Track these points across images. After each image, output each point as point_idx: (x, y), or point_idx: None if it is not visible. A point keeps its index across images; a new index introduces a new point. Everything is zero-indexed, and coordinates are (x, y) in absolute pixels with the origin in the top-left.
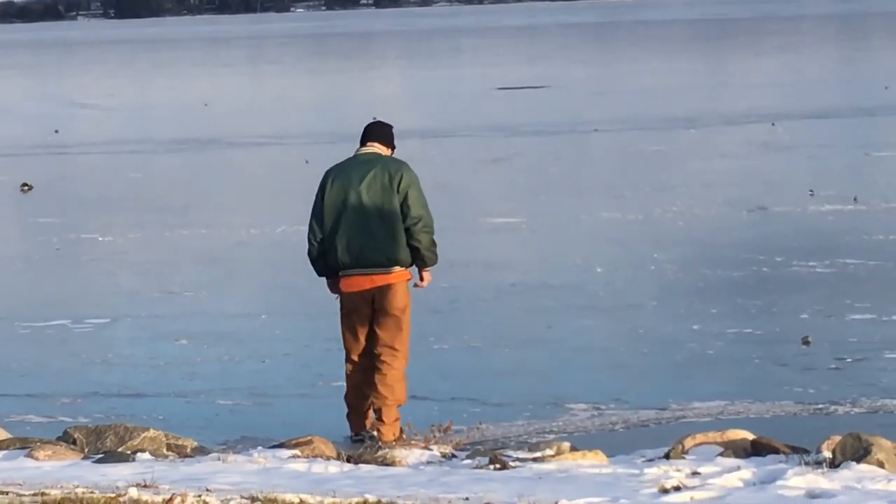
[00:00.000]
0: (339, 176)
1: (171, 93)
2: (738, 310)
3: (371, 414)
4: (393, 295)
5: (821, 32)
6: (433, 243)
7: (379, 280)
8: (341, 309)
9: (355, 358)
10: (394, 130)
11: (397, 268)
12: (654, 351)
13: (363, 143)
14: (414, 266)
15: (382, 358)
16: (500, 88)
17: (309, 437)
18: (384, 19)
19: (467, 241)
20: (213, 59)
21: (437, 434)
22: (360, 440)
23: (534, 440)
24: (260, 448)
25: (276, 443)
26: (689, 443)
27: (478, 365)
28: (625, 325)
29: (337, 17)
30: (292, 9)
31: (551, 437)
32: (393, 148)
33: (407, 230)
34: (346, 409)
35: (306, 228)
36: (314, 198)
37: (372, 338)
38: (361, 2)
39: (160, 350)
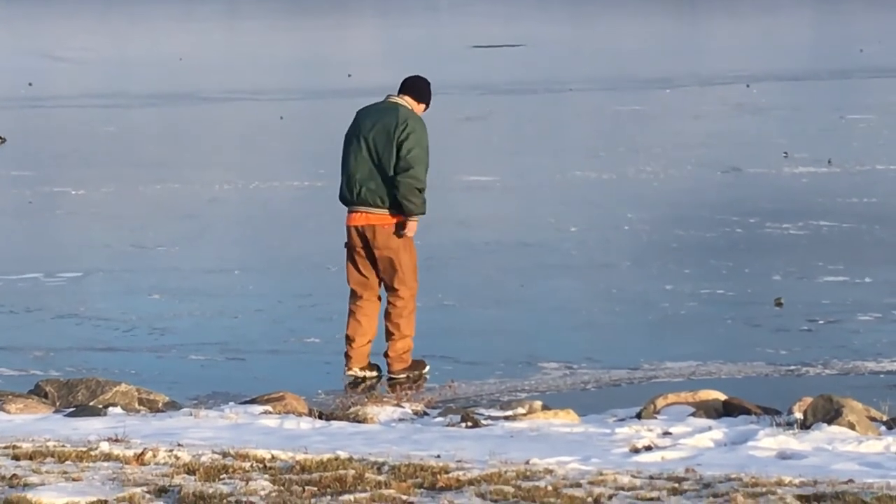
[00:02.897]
0: (358, 118)
1: (146, 47)
2: (710, 271)
3: (367, 353)
4: (387, 234)
5: None
6: (413, 192)
7: (373, 219)
8: (346, 244)
9: (354, 289)
10: (431, 87)
11: (392, 210)
12: (626, 311)
13: (398, 93)
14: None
15: (388, 299)
16: (475, 47)
17: (281, 393)
18: None
19: (441, 200)
20: (189, 14)
21: (409, 391)
22: (352, 378)
23: (506, 399)
24: (231, 404)
25: (247, 398)
26: (660, 403)
27: (450, 323)
28: (598, 285)
29: None
30: None
31: (523, 395)
32: (425, 104)
33: (394, 178)
34: (317, 366)
35: (279, 184)
36: None
37: (371, 274)
38: None
39: (132, 305)
